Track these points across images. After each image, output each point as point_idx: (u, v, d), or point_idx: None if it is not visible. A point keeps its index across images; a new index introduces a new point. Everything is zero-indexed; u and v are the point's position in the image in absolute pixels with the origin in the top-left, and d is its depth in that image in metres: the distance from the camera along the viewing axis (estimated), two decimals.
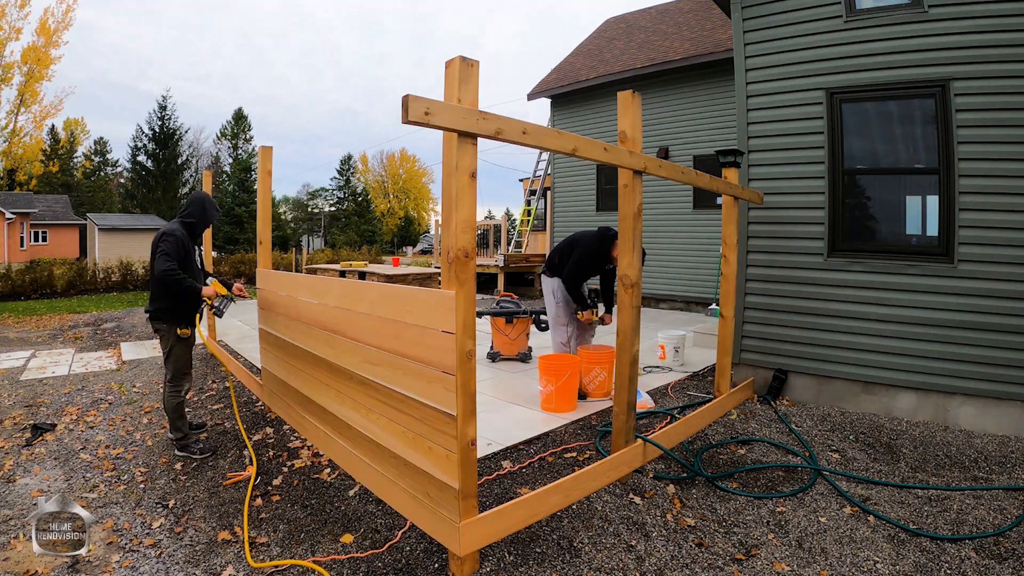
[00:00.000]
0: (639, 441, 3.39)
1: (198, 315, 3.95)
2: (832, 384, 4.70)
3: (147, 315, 3.85)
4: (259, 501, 3.16)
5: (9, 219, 28.49)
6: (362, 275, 12.15)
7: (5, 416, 4.60)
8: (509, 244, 15.67)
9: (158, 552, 2.68)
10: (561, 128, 11.67)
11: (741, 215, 4.95)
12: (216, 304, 3.91)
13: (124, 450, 3.95)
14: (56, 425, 4.39)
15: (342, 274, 12.44)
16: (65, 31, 31.18)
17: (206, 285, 3.92)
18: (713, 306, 9.21)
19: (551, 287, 4.97)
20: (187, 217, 3.88)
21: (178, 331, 3.76)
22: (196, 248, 4.00)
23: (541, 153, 14.16)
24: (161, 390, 5.07)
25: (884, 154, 4.59)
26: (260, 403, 4.80)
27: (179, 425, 3.82)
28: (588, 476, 2.99)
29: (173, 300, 3.71)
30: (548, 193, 13.34)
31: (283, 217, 54.90)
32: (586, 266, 4.77)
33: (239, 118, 50.34)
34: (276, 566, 2.54)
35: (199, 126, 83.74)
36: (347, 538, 2.75)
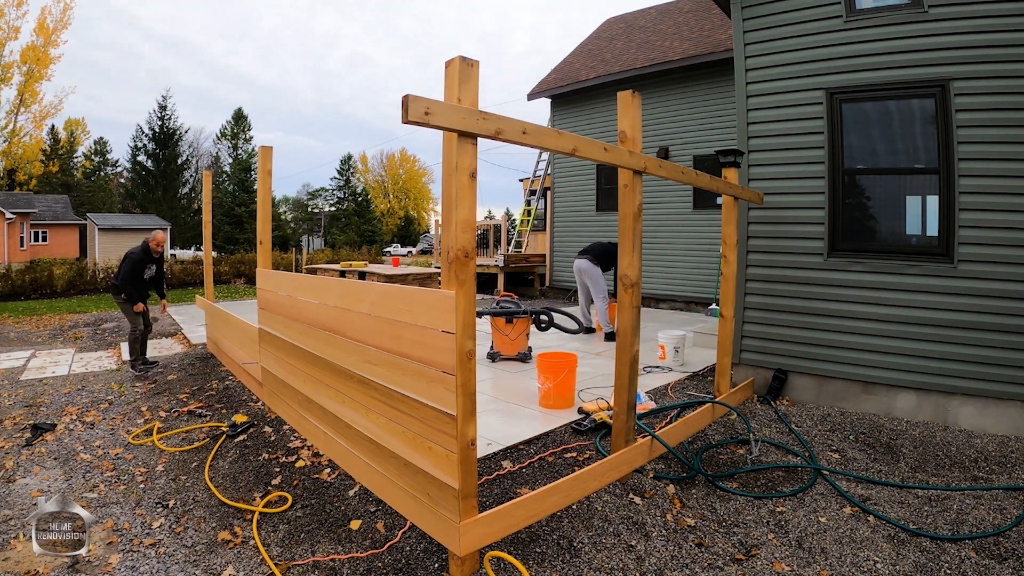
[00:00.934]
0: (639, 440, 3.39)
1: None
2: (832, 384, 4.69)
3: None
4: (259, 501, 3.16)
5: (9, 219, 28.49)
6: (362, 275, 12.15)
7: (5, 416, 4.60)
8: (509, 244, 15.67)
9: (158, 552, 2.68)
10: (561, 128, 11.66)
11: (741, 215, 4.95)
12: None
13: (124, 450, 3.95)
14: (56, 425, 4.39)
15: (342, 274, 12.44)
16: (64, 30, 31.23)
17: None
18: (713, 306, 9.21)
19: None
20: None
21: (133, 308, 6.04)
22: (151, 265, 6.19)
23: (541, 153, 14.15)
24: (153, 384, 5.18)
25: (884, 154, 4.59)
26: (260, 402, 4.80)
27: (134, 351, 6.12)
28: (588, 476, 2.99)
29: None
30: (548, 193, 13.34)
31: (283, 217, 54.92)
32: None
33: (239, 118, 50.35)
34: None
35: (199, 126, 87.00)
36: (347, 538, 2.75)
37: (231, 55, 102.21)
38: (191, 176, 46.41)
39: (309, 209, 59.97)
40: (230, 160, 49.13)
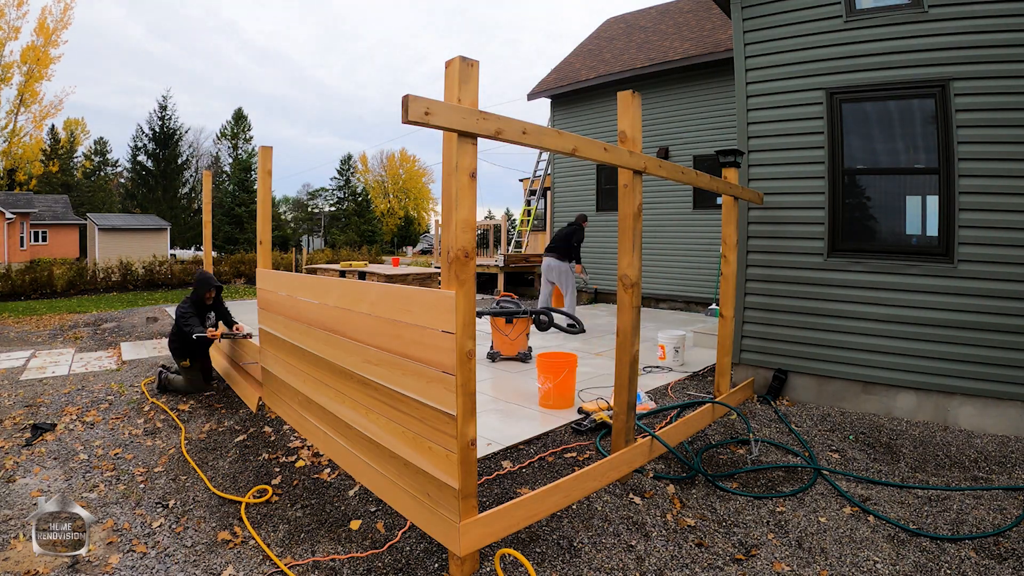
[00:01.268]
0: (639, 440, 3.39)
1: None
2: (832, 384, 4.70)
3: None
4: (254, 498, 3.16)
5: (9, 219, 28.48)
6: (362, 275, 12.15)
7: (5, 416, 4.60)
8: (509, 244, 15.67)
9: (158, 552, 2.68)
10: (561, 128, 11.67)
11: (741, 215, 4.95)
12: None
13: (123, 450, 3.95)
14: (56, 425, 4.39)
15: (342, 274, 12.44)
16: (64, 30, 31.23)
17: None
18: (713, 306, 9.21)
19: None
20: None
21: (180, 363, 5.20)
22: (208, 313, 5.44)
23: (541, 153, 14.16)
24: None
25: (884, 154, 4.59)
26: (260, 402, 4.80)
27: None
28: (588, 476, 2.99)
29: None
30: (548, 193, 13.34)
31: (283, 217, 54.91)
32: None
33: (239, 118, 50.34)
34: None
35: (199, 126, 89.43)
36: (347, 538, 2.75)
37: (318, 67, 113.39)
38: (191, 176, 46.36)
39: (309, 209, 59.94)
40: (230, 160, 49.11)
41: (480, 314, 5.43)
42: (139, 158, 43.82)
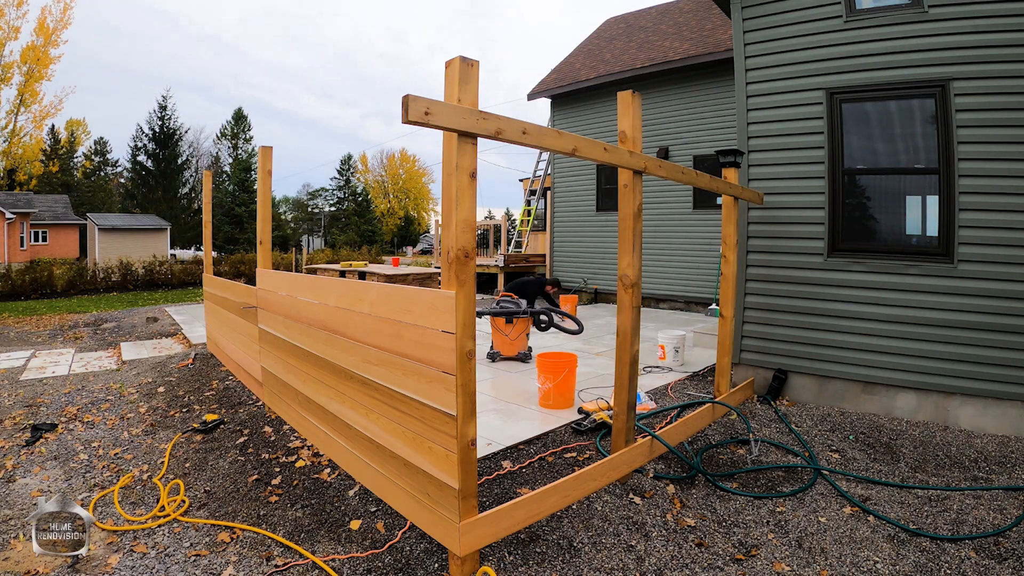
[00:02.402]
0: (639, 440, 3.39)
1: None
2: (832, 384, 4.70)
3: None
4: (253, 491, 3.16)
5: (9, 219, 28.49)
6: (362, 275, 12.16)
7: (5, 416, 4.60)
8: (509, 244, 15.67)
9: (158, 552, 2.68)
10: (561, 128, 11.66)
11: (741, 215, 4.95)
12: None
13: (123, 450, 3.96)
14: (56, 425, 4.39)
15: (342, 274, 12.45)
16: (64, 30, 31.25)
17: None
18: (713, 306, 9.21)
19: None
20: None
21: None
22: None
23: (541, 153, 14.15)
24: (160, 388, 5.17)
25: (884, 154, 4.59)
26: (260, 402, 4.81)
27: None
28: (588, 476, 2.99)
29: None
30: (548, 193, 13.34)
31: (283, 217, 54.91)
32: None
33: (239, 118, 50.34)
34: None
35: (199, 126, 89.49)
36: (347, 538, 2.75)
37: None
38: (191, 176, 46.33)
39: (309, 209, 59.94)
40: (230, 160, 49.08)
41: (480, 314, 5.43)
42: (139, 158, 43.78)
